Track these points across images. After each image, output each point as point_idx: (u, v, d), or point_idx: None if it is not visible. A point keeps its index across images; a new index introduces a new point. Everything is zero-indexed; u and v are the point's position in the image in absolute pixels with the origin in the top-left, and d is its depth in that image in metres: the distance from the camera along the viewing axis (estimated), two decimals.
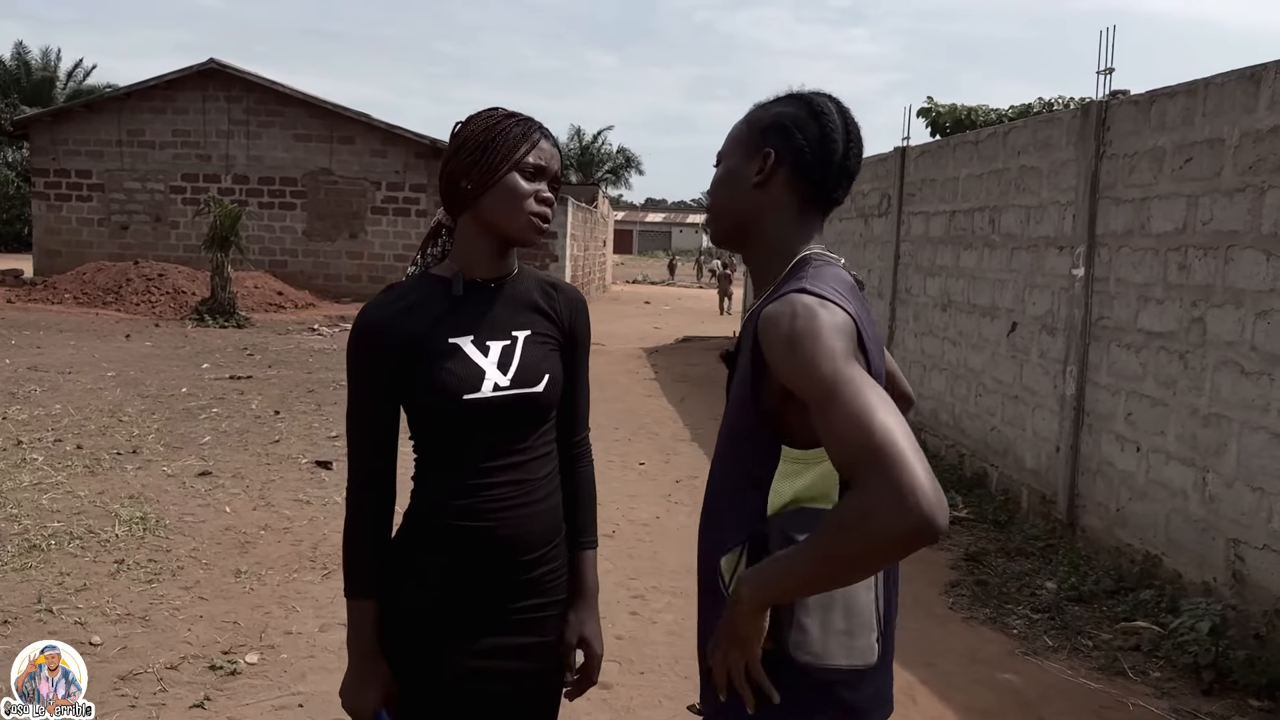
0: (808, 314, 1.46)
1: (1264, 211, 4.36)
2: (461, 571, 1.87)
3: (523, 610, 1.91)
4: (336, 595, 4.69)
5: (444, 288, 1.89)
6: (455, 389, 1.82)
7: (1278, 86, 4.30)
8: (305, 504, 6.12)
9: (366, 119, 21.31)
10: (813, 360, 1.42)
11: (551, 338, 1.96)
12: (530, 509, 1.89)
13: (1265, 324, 4.32)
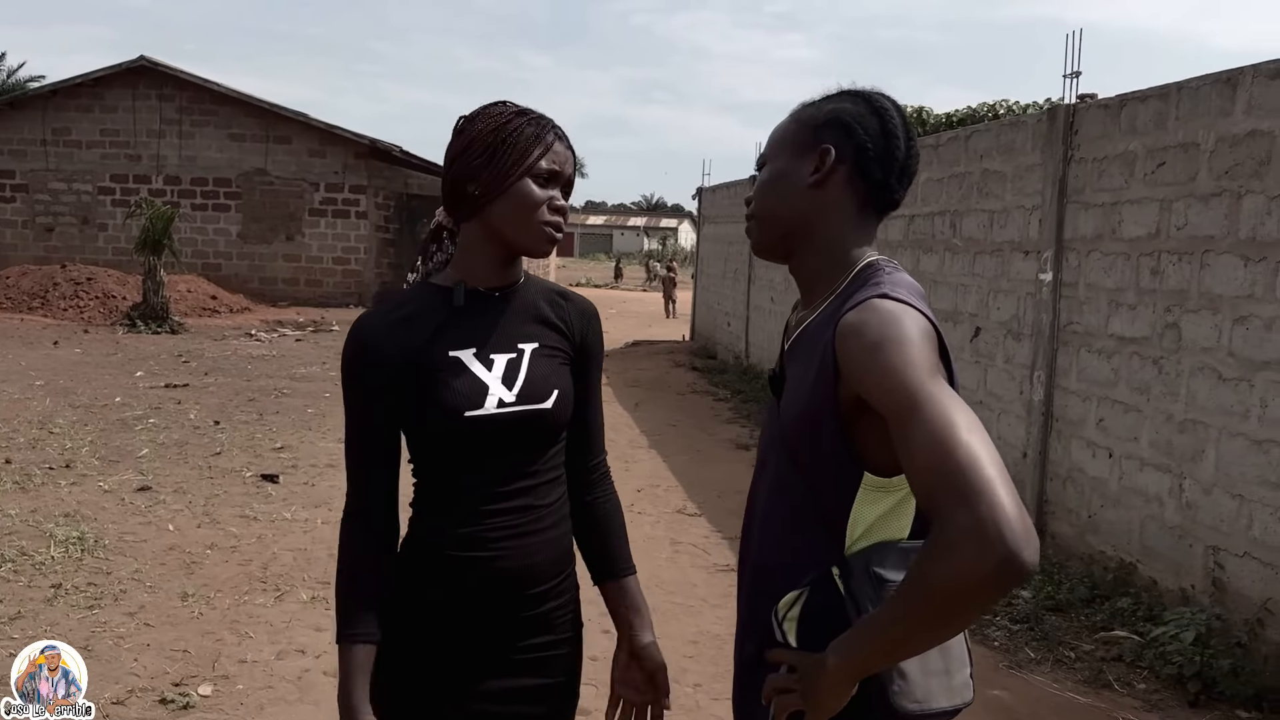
0: (893, 320, 1.34)
1: (1241, 216, 4.33)
2: (463, 607, 1.70)
3: (529, 649, 1.75)
4: (292, 619, 4.48)
5: (444, 297, 1.73)
6: (456, 406, 1.65)
7: (1255, 91, 4.28)
8: (252, 520, 5.84)
9: (304, 118, 20.83)
10: (896, 369, 1.29)
11: (561, 351, 1.80)
12: (537, 538, 1.73)
13: (1243, 329, 4.29)
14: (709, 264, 16.42)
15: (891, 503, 1.40)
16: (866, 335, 1.33)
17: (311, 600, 4.66)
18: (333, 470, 7.11)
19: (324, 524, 5.83)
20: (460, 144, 1.71)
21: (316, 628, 4.36)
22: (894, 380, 1.29)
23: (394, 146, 21.35)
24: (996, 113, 12.87)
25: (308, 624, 4.39)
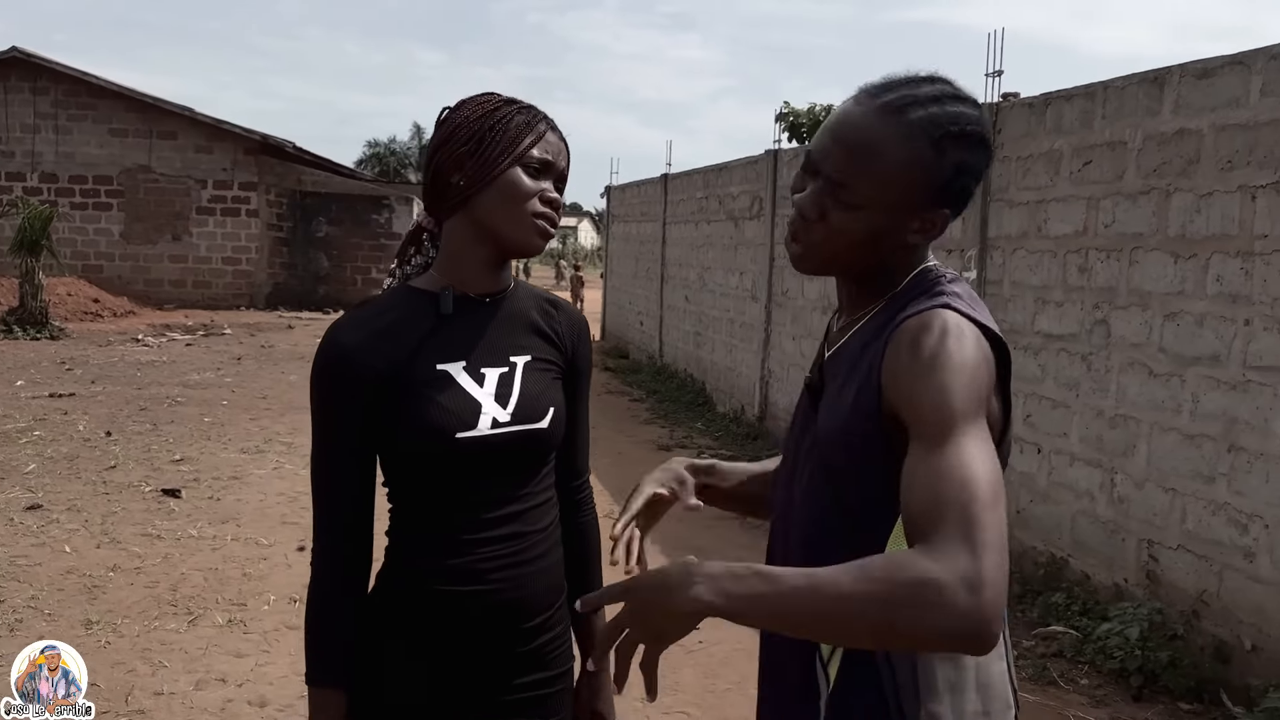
0: (953, 335, 1.21)
1: (1170, 214, 4.40)
2: (452, 645, 1.55)
3: (522, 688, 1.60)
4: (209, 645, 4.18)
5: (429, 304, 1.56)
6: (446, 426, 1.49)
7: (1182, 90, 4.35)
8: (156, 539, 5.48)
9: (190, 113, 19.97)
10: (940, 392, 1.17)
11: (554, 364, 1.66)
12: (531, 567, 1.58)
13: (1174, 325, 4.36)
14: (619, 263, 16.30)
15: None
16: (919, 348, 1.21)
17: (228, 624, 4.37)
18: (238, 484, 6.77)
19: (234, 541, 5.51)
20: (443, 133, 1.56)
21: (236, 654, 4.08)
22: (934, 403, 1.17)
23: (286, 142, 20.67)
24: None
25: (226, 650, 4.11)
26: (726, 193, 9.84)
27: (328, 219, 21.15)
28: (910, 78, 1.31)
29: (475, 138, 1.52)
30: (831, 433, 1.33)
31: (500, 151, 1.51)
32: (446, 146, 1.55)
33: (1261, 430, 3.90)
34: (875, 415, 1.26)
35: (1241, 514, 3.99)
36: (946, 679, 1.26)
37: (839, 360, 1.38)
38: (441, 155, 1.55)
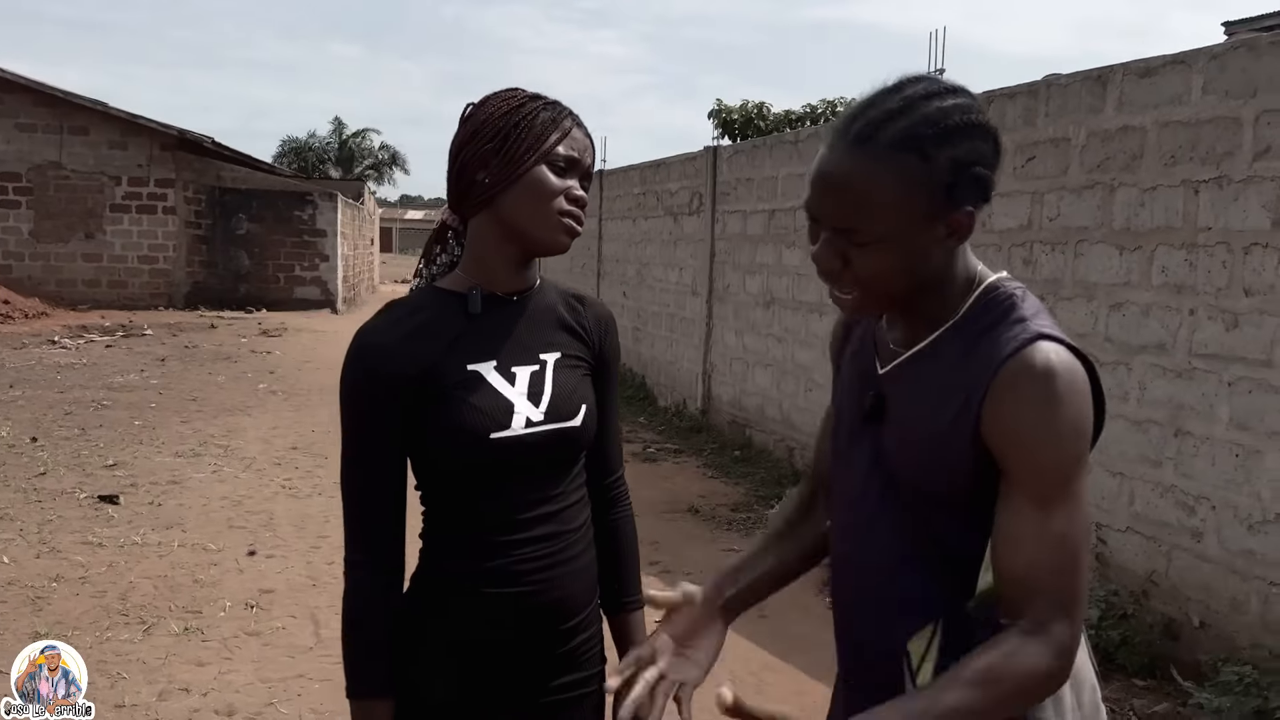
0: (1069, 377, 1.22)
1: (1114, 208, 4.55)
2: (488, 647, 1.54)
3: (558, 689, 1.60)
4: (168, 655, 4.07)
5: (457, 304, 1.54)
6: (481, 427, 1.48)
7: (1125, 88, 4.49)
8: (98, 547, 5.31)
9: (104, 108, 19.28)
10: (1063, 440, 1.21)
11: (583, 360, 1.65)
12: (568, 567, 1.58)
13: (1120, 315, 4.51)
14: (552, 259, 16.20)
15: None
16: (1033, 396, 1.20)
17: (185, 632, 4.26)
18: (178, 488, 6.59)
19: (181, 547, 5.37)
20: (468, 130, 1.54)
21: (198, 663, 3.98)
22: (1050, 459, 1.21)
23: (205, 137, 20.08)
24: (835, 109, 13.28)
25: (186, 659, 4.00)
26: (665, 189, 9.87)
27: (249, 216, 20.61)
28: (872, 97, 1.26)
29: (500, 135, 1.51)
30: (912, 460, 1.31)
31: (526, 149, 1.50)
32: (471, 144, 1.53)
33: (1207, 415, 4.06)
34: (970, 449, 1.24)
35: (1189, 496, 4.14)
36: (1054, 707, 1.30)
37: (904, 378, 1.34)
38: (467, 153, 1.53)
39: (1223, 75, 4.02)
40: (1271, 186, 3.80)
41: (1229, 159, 3.98)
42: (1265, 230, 3.82)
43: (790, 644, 4.39)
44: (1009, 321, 1.27)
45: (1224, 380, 3.99)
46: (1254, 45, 3.94)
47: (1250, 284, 3.88)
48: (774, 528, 1.67)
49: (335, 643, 4.38)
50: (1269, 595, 3.79)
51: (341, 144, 47.69)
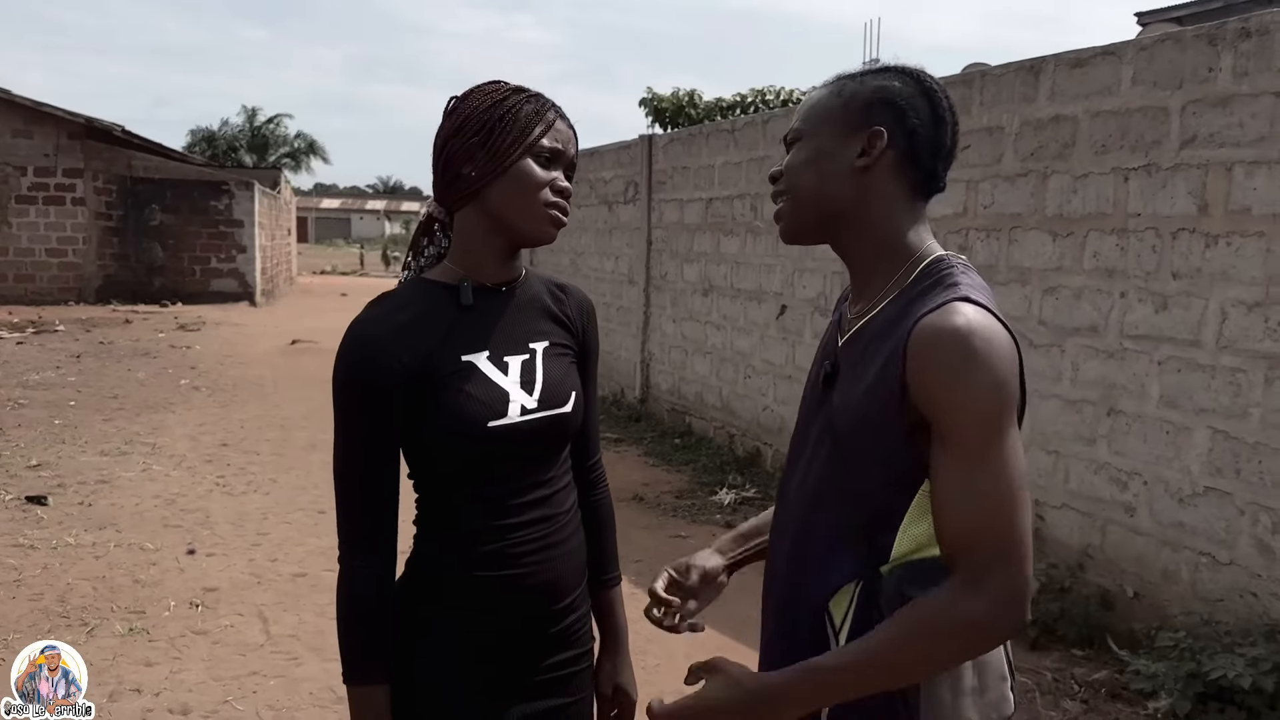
0: (981, 338, 1.26)
1: (1047, 195, 4.70)
2: (486, 631, 1.57)
3: (552, 668, 1.64)
4: (115, 656, 3.98)
5: (448, 296, 1.57)
6: (478, 416, 1.51)
7: (1057, 78, 4.64)
8: (30, 549, 5.15)
9: (6, 95, 18.54)
10: (976, 401, 1.25)
11: (569, 348, 1.69)
12: (559, 549, 1.62)
13: (1053, 300, 4.67)
14: None
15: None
16: (948, 353, 1.25)
17: (130, 633, 4.16)
18: (107, 487, 6.41)
19: (117, 547, 5.23)
20: (452, 124, 1.56)
21: (145, 663, 3.90)
22: (970, 414, 1.25)
23: (115, 125, 19.43)
24: (764, 98, 13.41)
25: (134, 660, 3.92)
26: (599, 177, 9.88)
27: (162, 207, 20.03)
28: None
29: (485, 128, 1.53)
30: (849, 418, 1.38)
31: (511, 141, 1.52)
32: (457, 137, 1.55)
33: (1138, 394, 4.23)
34: (896, 408, 1.30)
35: (1121, 472, 4.32)
36: None
37: (854, 347, 1.42)
38: (452, 146, 1.55)
39: (1150, 67, 4.18)
40: (1197, 174, 3.97)
41: (1157, 147, 4.14)
42: (1192, 215, 3.99)
43: (744, 626, 4.43)
44: (941, 289, 1.34)
45: (1154, 360, 4.16)
46: (1180, 38, 4.11)
47: (1178, 267, 4.06)
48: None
49: (286, 639, 4.34)
50: (1199, 565, 3.98)
51: (254, 131, 46.48)
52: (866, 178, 1.41)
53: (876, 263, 1.43)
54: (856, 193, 1.42)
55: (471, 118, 1.54)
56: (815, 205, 1.45)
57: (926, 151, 1.42)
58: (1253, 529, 3.78)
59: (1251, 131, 3.78)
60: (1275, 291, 3.70)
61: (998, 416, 1.25)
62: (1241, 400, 3.82)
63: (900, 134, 1.40)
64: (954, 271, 1.38)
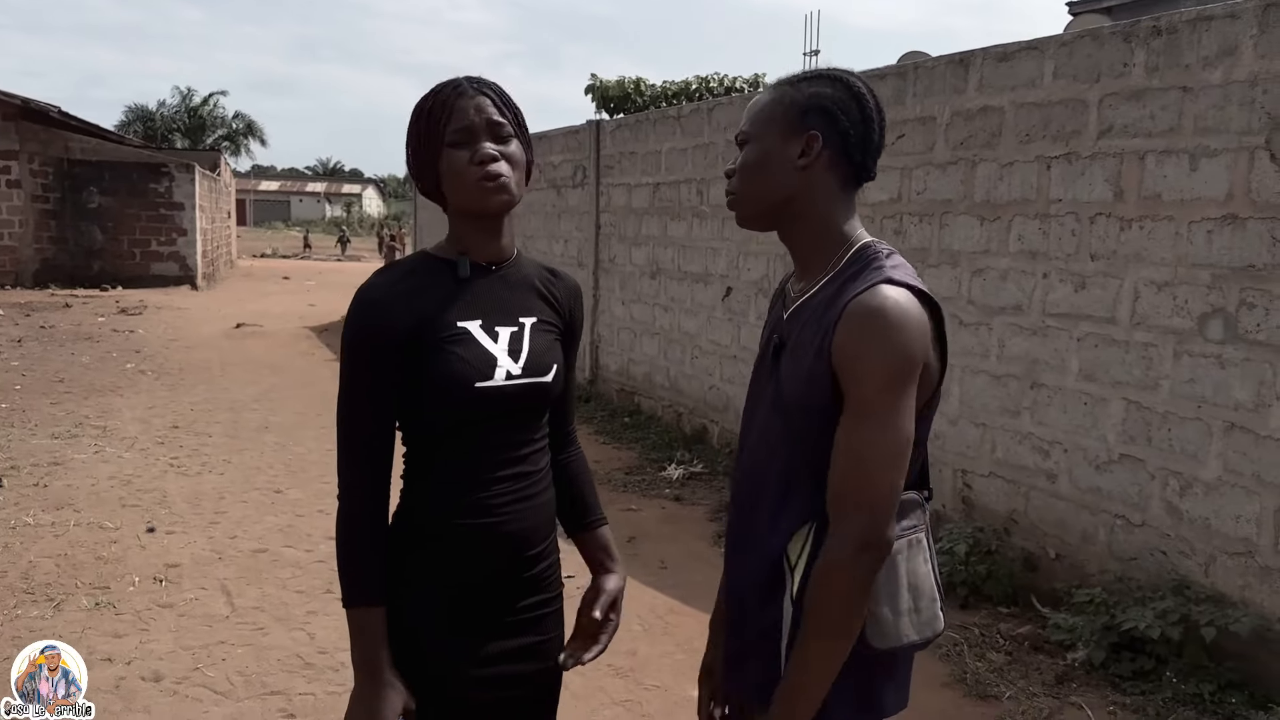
0: (897, 312, 1.49)
1: (976, 182, 4.97)
2: (466, 574, 1.75)
3: (525, 609, 1.83)
4: (84, 629, 4.11)
5: (448, 269, 1.76)
6: (468, 376, 1.69)
7: (985, 71, 4.90)
8: None
9: None
10: (882, 363, 1.47)
11: (554, 326, 1.87)
12: (532, 502, 1.81)
13: (981, 280, 4.94)
14: (430, 232, 16.13)
15: None
16: (861, 327, 1.48)
17: (96, 607, 4.27)
18: (61, 469, 6.45)
19: (76, 526, 5.31)
20: (407, 151, 1.78)
21: (114, 634, 4.02)
22: (869, 377, 1.48)
23: (51, 106, 19.05)
24: (709, 85, 13.61)
25: (103, 631, 4.03)
26: (548, 161, 10.01)
27: (100, 189, 19.72)
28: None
29: (414, 144, 1.74)
30: (793, 384, 1.60)
31: (430, 147, 1.71)
32: (411, 161, 1.78)
33: (1059, 369, 4.52)
34: (828, 374, 1.53)
35: (1044, 442, 4.61)
36: (885, 585, 1.56)
37: (796, 321, 1.64)
38: (413, 169, 1.78)
39: (1071, 61, 4.45)
40: (1114, 162, 4.25)
41: (1076, 137, 4.42)
42: (1109, 201, 4.28)
43: (690, 590, 4.69)
44: (869, 271, 1.57)
45: (1074, 337, 4.45)
46: (1098, 35, 4.38)
47: (1096, 249, 4.34)
48: None
49: (250, 611, 4.48)
50: (1114, 527, 4.28)
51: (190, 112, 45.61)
52: (806, 174, 1.63)
53: (815, 247, 1.66)
54: (798, 187, 1.64)
55: (409, 137, 1.75)
56: (764, 198, 1.68)
57: (857, 148, 1.63)
58: (1163, 492, 4.09)
59: (1162, 122, 4.07)
60: (1183, 272, 3.99)
61: (892, 383, 1.47)
62: (1153, 373, 4.12)
63: (833, 135, 1.61)
64: (879, 256, 1.60)
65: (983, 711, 3.62)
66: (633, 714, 3.57)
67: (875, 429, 1.47)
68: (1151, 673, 3.78)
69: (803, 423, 1.58)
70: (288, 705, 3.52)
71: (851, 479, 1.47)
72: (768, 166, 1.64)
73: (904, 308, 1.49)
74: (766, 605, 1.63)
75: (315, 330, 14.58)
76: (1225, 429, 3.83)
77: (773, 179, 1.64)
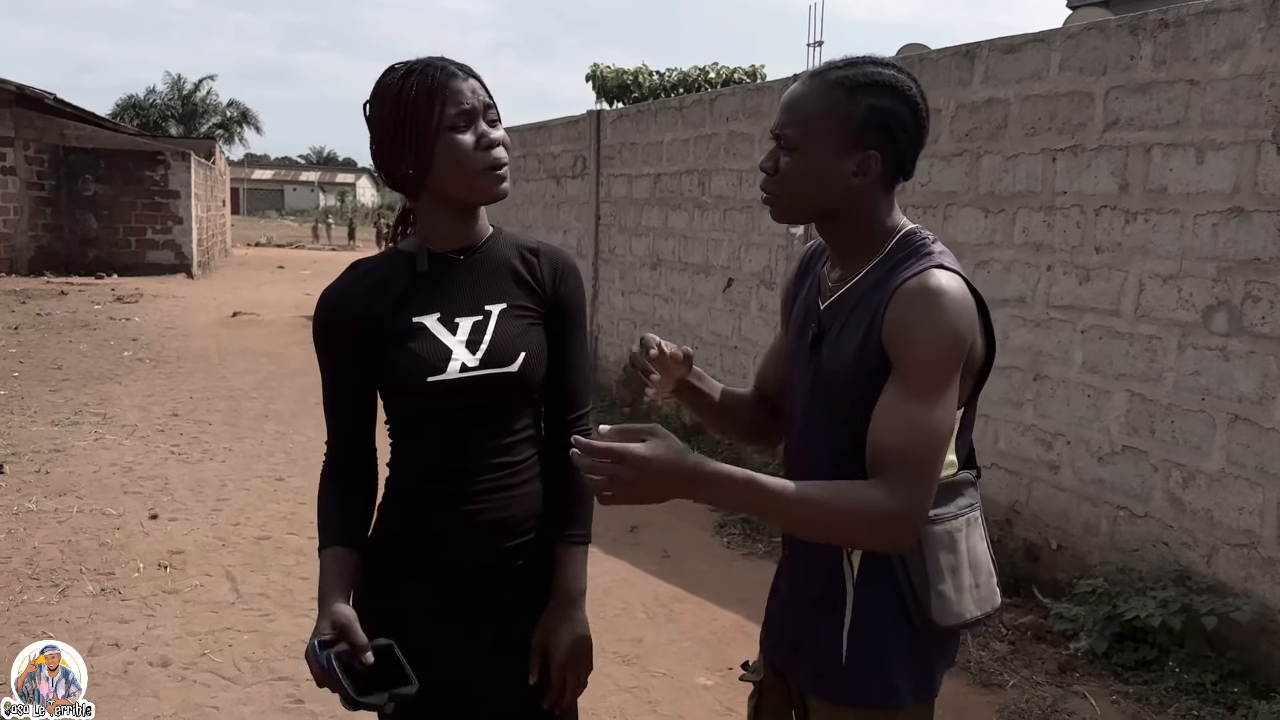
0: (951, 295, 1.49)
1: (980, 174, 4.98)
2: (441, 561, 1.74)
3: (503, 603, 1.77)
4: (90, 614, 4.11)
5: (408, 263, 1.73)
6: (418, 371, 1.68)
7: (991, 63, 4.91)
8: None
9: None
10: (934, 342, 1.47)
11: (531, 309, 1.78)
12: (511, 493, 1.75)
13: (985, 273, 4.96)
14: None
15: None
16: (915, 307, 1.48)
17: (102, 592, 4.28)
18: (62, 456, 6.44)
19: (79, 513, 5.31)
20: (372, 133, 1.69)
21: (120, 620, 4.03)
22: (921, 356, 1.47)
23: (46, 93, 18.97)
24: (708, 77, 13.60)
25: (109, 617, 4.04)
26: (547, 151, 10.00)
27: (96, 177, 19.63)
28: (841, 58, 1.63)
29: (397, 127, 1.62)
30: (841, 370, 1.59)
31: (422, 130, 1.61)
32: (379, 146, 1.67)
33: (1063, 361, 4.54)
34: (878, 357, 1.52)
35: (1046, 434, 4.64)
36: (948, 563, 1.60)
37: (837, 310, 1.63)
38: (379, 155, 1.67)
39: (1077, 54, 4.46)
40: (1119, 155, 4.27)
41: (1082, 129, 4.43)
42: (1114, 194, 4.29)
43: (694, 578, 4.71)
44: (919, 258, 1.56)
45: (1077, 329, 4.47)
46: (1104, 27, 4.40)
47: (1100, 242, 4.36)
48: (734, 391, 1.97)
49: (255, 598, 4.49)
50: (1117, 518, 4.31)
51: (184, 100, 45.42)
52: (858, 187, 1.58)
53: (858, 241, 1.63)
54: (849, 197, 1.59)
55: (383, 123, 1.64)
56: (810, 207, 1.63)
57: (909, 159, 1.61)
58: (1165, 484, 4.11)
59: (1168, 116, 4.08)
60: (1188, 265, 4.01)
61: (943, 364, 1.47)
62: (1157, 365, 4.14)
63: (890, 152, 1.57)
64: (928, 242, 1.60)
65: (987, 700, 3.65)
66: (639, 700, 3.59)
67: (928, 407, 1.46)
68: (1154, 662, 3.81)
69: (850, 407, 1.57)
70: (295, 690, 3.53)
71: (906, 446, 1.45)
72: (819, 180, 1.57)
73: (956, 291, 1.49)
74: (827, 590, 1.64)
75: (312, 319, 14.53)
76: (1229, 421, 3.85)
77: (823, 192, 1.58)
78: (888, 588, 1.59)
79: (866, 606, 1.61)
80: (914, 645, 1.60)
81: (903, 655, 1.60)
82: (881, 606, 1.60)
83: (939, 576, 1.57)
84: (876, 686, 1.61)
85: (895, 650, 1.61)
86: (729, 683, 3.66)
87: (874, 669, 1.61)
